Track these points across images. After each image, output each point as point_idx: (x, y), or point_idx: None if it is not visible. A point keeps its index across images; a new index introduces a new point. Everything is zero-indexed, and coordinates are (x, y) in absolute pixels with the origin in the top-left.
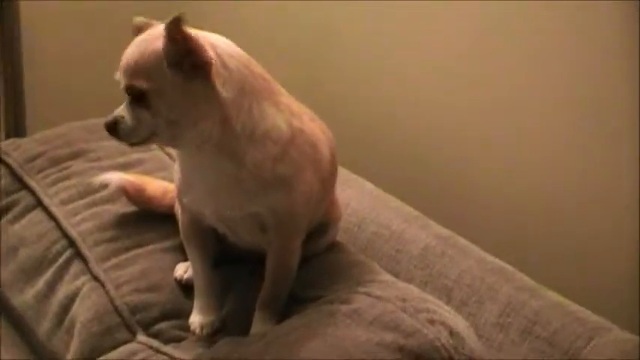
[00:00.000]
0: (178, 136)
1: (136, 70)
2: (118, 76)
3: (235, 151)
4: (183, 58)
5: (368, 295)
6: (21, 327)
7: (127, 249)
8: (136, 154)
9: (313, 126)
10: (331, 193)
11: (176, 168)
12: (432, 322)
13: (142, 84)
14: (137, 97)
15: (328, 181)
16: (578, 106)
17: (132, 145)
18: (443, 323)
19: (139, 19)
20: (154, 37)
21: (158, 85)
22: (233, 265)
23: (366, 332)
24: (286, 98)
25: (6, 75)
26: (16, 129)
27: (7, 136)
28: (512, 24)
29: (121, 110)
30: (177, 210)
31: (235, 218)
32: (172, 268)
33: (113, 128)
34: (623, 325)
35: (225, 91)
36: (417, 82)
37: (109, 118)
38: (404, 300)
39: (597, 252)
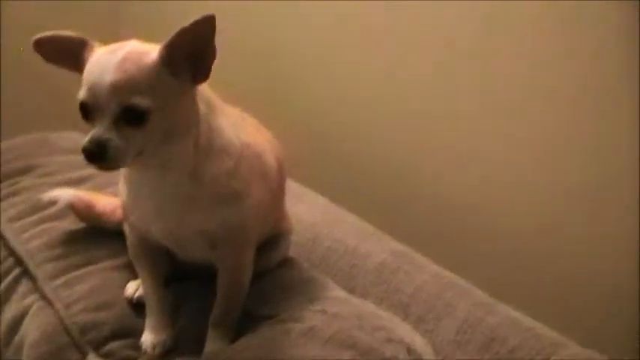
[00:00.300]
0: (163, 153)
1: (134, 87)
2: (87, 96)
3: (195, 167)
4: (185, 63)
5: (323, 312)
6: None
7: (77, 267)
8: (87, 170)
9: (258, 136)
10: (280, 204)
11: (121, 186)
12: (389, 340)
13: (144, 102)
14: (132, 117)
15: (276, 192)
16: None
17: (111, 169)
18: (400, 341)
19: (49, 34)
20: (138, 52)
21: (160, 101)
22: (185, 282)
23: (323, 351)
24: (230, 110)
25: None
26: None
27: None
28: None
29: (105, 132)
30: (126, 228)
31: (185, 235)
32: (123, 286)
33: (99, 154)
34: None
35: (201, 105)
36: (392, 93)
37: (91, 143)
38: (360, 317)
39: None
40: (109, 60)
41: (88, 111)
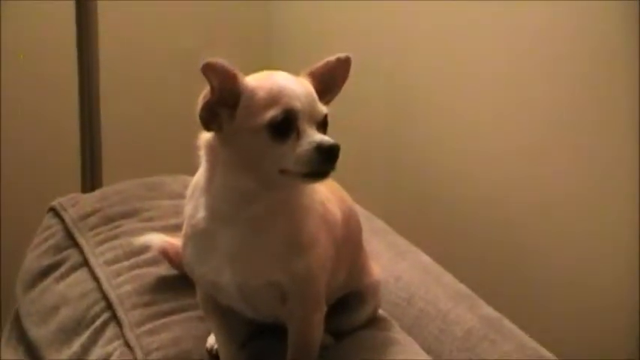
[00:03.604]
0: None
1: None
2: (301, 105)
3: (296, 206)
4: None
5: None
6: None
7: (163, 314)
8: None
9: (320, 185)
10: (348, 260)
11: (184, 243)
12: None
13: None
14: (324, 125)
15: (341, 245)
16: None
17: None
18: None
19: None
20: (299, 79)
21: None
22: (260, 341)
23: None
24: None
25: (84, 129)
26: (93, 183)
27: (84, 190)
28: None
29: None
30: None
31: (254, 288)
32: (205, 337)
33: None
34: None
35: None
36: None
37: (334, 142)
38: None
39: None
40: (291, 78)
41: (291, 123)
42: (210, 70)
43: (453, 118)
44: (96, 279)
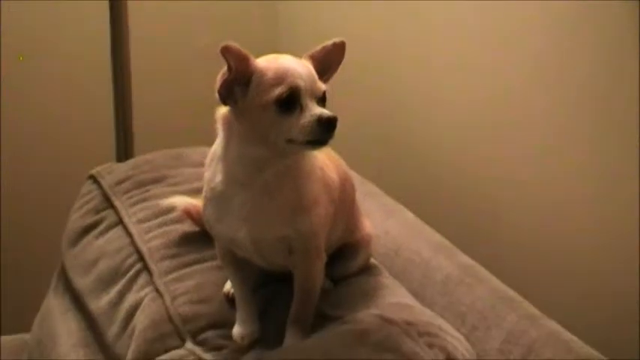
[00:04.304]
0: None
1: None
2: (302, 83)
3: (299, 172)
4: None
5: (380, 317)
6: (94, 330)
7: (187, 264)
8: None
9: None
10: (348, 216)
11: (205, 205)
12: (430, 345)
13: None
14: (324, 100)
15: (339, 205)
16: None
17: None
18: (442, 347)
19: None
20: (302, 61)
21: None
22: (269, 286)
23: (369, 353)
24: None
25: (118, 109)
26: (126, 154)
27: (118, 160)
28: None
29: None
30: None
31: (267, 241)
32: (223, 284)
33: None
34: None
35: None
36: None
37: (332, 114)
38: (410, 324)
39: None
40: (294, 60)
41: (295, 98)
42: (227, 52)
43: (446, 102)
44: (129, 235)
